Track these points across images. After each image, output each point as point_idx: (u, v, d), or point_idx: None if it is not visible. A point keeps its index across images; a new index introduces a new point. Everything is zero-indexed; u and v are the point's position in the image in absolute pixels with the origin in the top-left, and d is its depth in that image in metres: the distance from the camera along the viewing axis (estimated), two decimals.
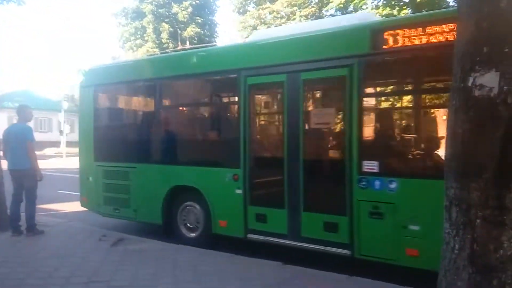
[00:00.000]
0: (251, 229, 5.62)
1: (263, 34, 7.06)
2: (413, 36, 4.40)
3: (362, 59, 4.73)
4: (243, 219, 5.63)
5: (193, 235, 6.33)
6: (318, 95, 6.25)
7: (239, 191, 5.64)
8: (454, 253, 2.15)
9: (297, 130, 5.21)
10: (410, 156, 4.87)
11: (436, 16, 4.53)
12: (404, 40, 4.46)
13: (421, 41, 4.35)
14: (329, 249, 4.98)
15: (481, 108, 2.02)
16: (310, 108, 5.69)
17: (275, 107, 6.62)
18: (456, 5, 4.37)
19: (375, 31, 4.69)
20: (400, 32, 4.48)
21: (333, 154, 5.51)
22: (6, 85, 46.02)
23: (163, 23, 31.52)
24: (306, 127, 5.29)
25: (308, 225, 5.13)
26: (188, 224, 6.40)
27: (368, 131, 4.90)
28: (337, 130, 5.43)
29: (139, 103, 7.69)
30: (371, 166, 4.61)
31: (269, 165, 5.79)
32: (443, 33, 4.19)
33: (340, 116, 5.33)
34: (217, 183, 5.88)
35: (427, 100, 5.35)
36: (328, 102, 5.94)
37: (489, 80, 1.98)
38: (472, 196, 2.07)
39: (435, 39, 4.24)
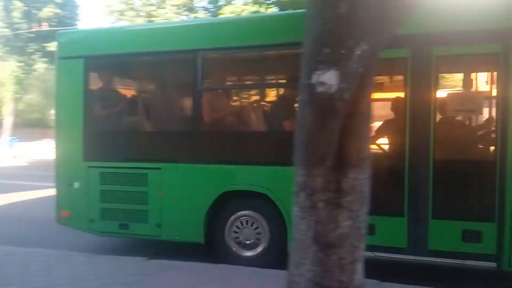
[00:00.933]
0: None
1: None
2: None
3: None
4: None
5: (250, 253, 5.03)
6: None
7: None
8: (302, 234, 2.37)
9: None
10: None
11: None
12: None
13: None
14: (470, 262, 4.52)
15: (323, 103, 2.21)
16: None
17: None
18: None
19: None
20: None
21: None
22: None
23: (15, 1, 27.93)
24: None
25: (439, 235, 4.40)
26: (243, 240, 5.09)
27: None
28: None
29: (165, 80, 5.98)
30: None
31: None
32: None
33: None
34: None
35: None
36: None
37: (329, 78, 2.15)
38: (315, 182, 2.29)
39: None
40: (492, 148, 4.52)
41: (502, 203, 4.20)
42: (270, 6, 15.10)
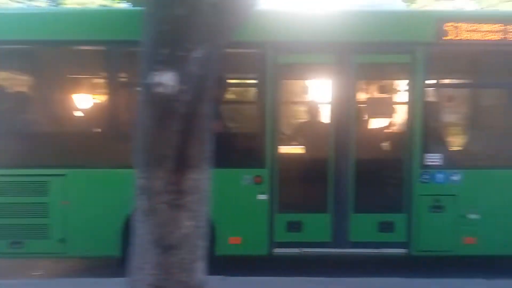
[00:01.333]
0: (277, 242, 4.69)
1: None
2: None
3: None
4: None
5: None
6: None
7: (262, 197, 4.60)
8: (142, 238, 2.34)
9: None
10: (471, 147, 4.94)
11: None
12: None
13: None
14: (384, 250, 4.69)
15: (162, 104, 2.21)
16: None
17: None
18: None
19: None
20: None
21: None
22: None
23: None
24: None
25: (359, 227, 4.67)
26: None
27: None
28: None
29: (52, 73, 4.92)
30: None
31: None
32: None
33: None
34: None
35: None
36: None
37: (168, 79, 2.16)
38: (156, 184, 2.27)
39: None
40: (399, 148, 4.90)
41: (409, 196, 4.67)
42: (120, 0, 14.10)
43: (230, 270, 4.34)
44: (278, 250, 4.69)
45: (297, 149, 5.16)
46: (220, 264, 4.04)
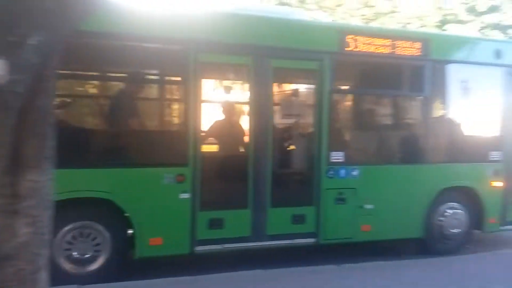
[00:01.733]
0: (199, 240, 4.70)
1: None
2: None
3: None
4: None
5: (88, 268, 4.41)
6: None
7: (185, 195, 4.54)
8: None
9: None
10: (367, 146, 5.44)
11: None
12: None
13: None
14: (297, 241, 5.02)
15: None
16: None
17: None
18: None
19: None
20: None
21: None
22: None
23: None
24: None
25: (275, 221, 4.97)
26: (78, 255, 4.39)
27: None
28: None
29: None
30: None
31: None
32: None
33: None
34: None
35: None
36: None
37: None
38: None
39: None
40: (309, 147, 5.30)
41: (318, 190, 5.16)
42: None
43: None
44: (200, 248, 4.75)
45: (218, 148, 5.28)
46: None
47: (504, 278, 4.66)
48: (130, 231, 4.54)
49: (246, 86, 5.05)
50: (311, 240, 5.18)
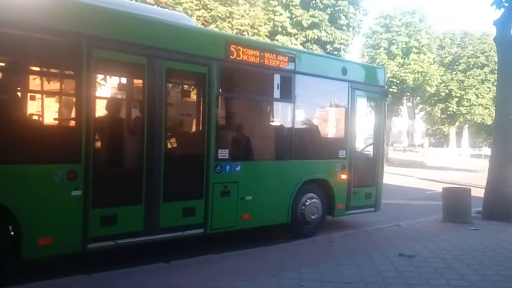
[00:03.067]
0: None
1: None
2: None
3: None
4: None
5: None
6: None
7: (76, 193, 4.40)
8: None
9: None
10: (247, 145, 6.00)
11: None
12: None
13: None
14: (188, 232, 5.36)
15: None
16: None
17: None
18: None
19: None
20: None
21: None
22: None
23: None
24: None
25: (167, 214, 5.18)
26: None
27: None
28: None
29: None
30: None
31: None
32: None
33: None
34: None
35: None
36: None
37: None
38: None
39: None
40: (200, 144, 5.57)
41: (207, 184, 5.56)
42: None
43: None
44: (92, 245, 4.67)
45: (111, 144, 5.20)
46: None
47: (317, 260, 5.18)
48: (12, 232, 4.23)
49: (140, 84, 5.17)
50: (200, 231, 5.57)
